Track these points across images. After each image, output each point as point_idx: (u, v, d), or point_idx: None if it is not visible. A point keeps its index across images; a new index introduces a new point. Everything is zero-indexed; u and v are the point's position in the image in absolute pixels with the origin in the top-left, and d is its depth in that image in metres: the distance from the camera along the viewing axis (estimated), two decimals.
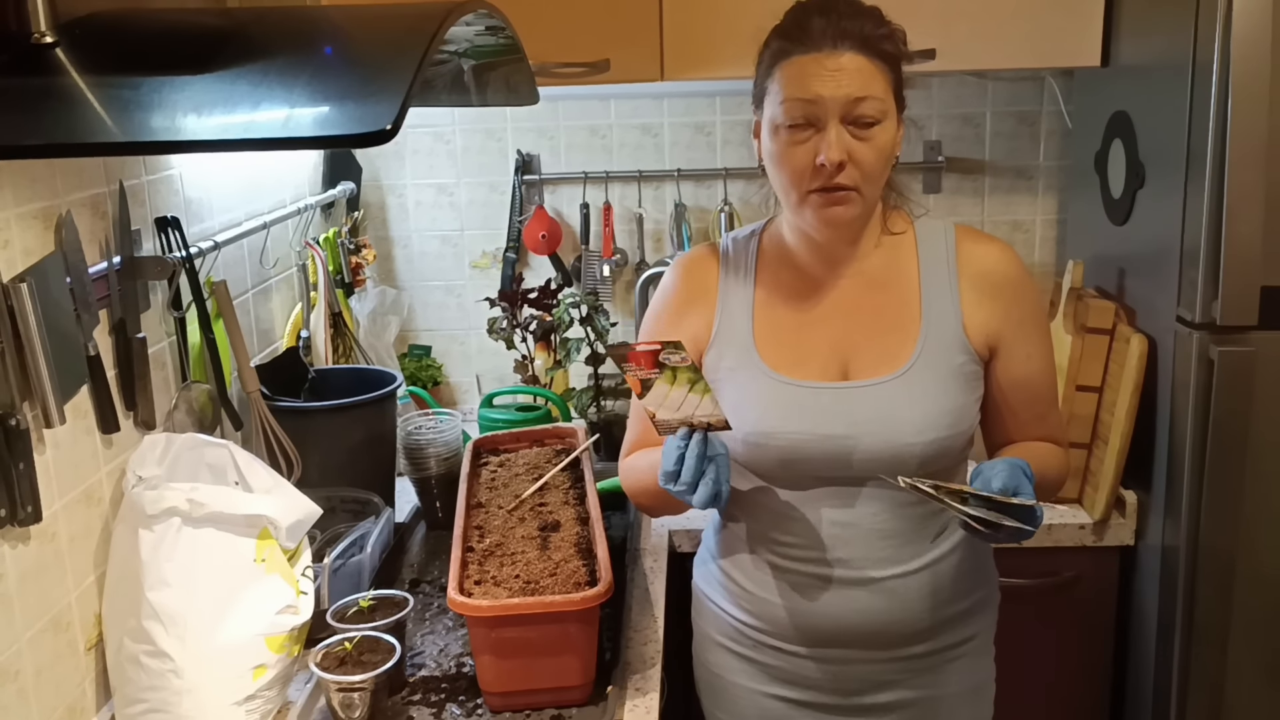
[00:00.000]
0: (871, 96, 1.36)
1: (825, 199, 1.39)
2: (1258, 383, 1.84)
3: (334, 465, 1.91)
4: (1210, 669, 1.94)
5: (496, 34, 1.45)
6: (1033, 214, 2.58)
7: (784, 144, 1.39)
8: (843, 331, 1.48)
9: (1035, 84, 2.51)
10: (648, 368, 1.34)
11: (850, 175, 1.37)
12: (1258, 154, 1.77)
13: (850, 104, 1.35)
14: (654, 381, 1.34)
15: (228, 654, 1.42)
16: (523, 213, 2.60)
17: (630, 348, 1.34)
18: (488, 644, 1.45)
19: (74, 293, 1.44)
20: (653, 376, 1.34)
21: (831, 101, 1.35)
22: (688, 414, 1.35)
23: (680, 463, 1.34)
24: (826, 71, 1.36)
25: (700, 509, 1.37)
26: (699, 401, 1.34)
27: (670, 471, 1.35)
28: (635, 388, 1.37)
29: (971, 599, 1.54)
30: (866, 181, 1.39)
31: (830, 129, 1.36)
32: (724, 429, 1.35)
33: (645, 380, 1.35)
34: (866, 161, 1.37)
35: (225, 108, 1.05)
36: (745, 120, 2.56)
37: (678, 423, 1.36)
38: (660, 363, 1.33)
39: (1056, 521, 2.09)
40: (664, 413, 1.36)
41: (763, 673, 1.56)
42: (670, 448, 1.35)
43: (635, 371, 1.35)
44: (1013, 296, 1.48)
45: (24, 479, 1.32)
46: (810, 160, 1.37)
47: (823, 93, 1.35)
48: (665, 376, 1.34)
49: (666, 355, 1.33)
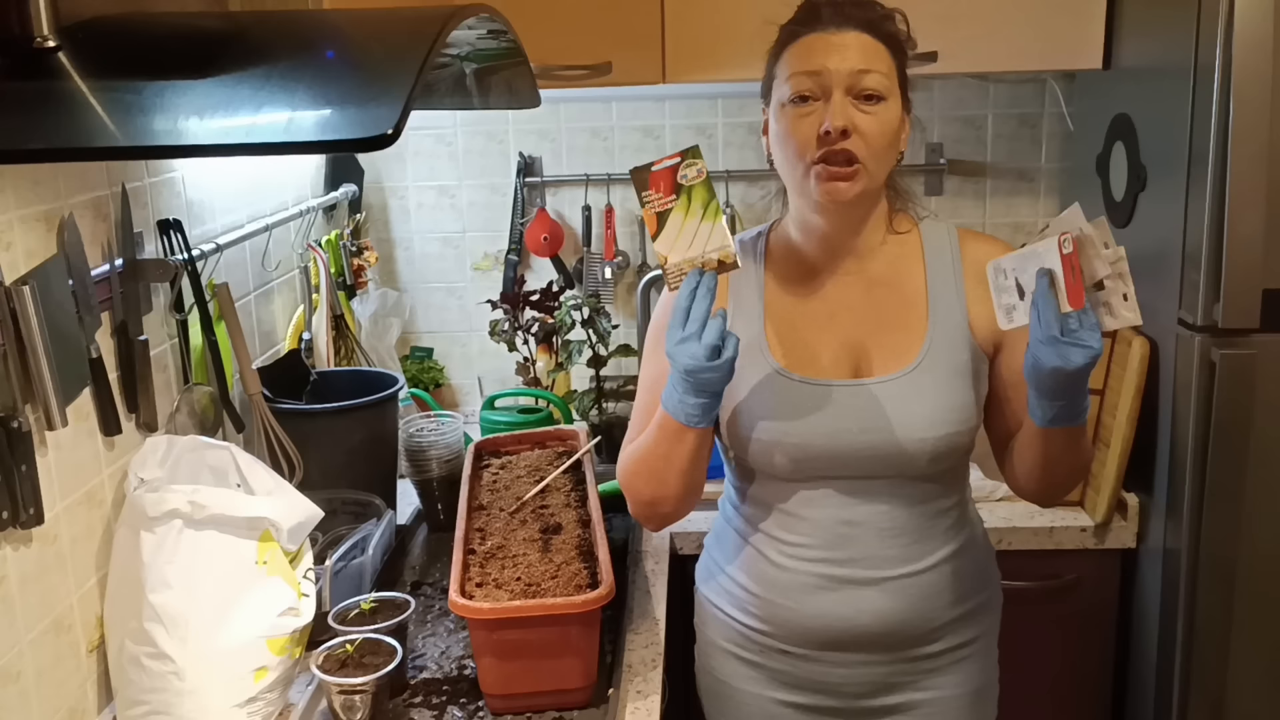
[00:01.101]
0: (875, 70, 1.39)
1: (829, 171, 1.39)
2: (1259, 385, 1.84)
3: (335, 467, 1.91)
4: (1212, 672, 1.94)
5: (498, 37, 1.45)
6: (1034, 216, 2.58)
7: (790, 120, 1.41)
8: (851, 329, 1.49)
9: (1037, 86, 2.51)
10: (666, 193, 1.37)
11: (855, 145, 1.38)
12: (1259, 156, 1.77)
13: (855, 75, 1.38)
14: (670, 211, 1.37)
15: (229, 656, 1.42)
16: (524, 215, 2.60)
17: (650, 168, 1.38)
18: (489, 646, 1.45)
19: (76, 295, 1.44)
20: (669, 206, 1.37)
21: (836, 73, 1.38)
22: (699, 250, 1.37)
23: (691, 298, 1.34)
24: (832, 46, 1.39)
25: (705, 359, 1.32)
26: (710, 232, 1.36)
27: (683, 308, 1.34)
28: (651, 225, 1.39)
29: (976, 600, 1.54)
30: (871, 156, 1.40)
31: (835, 98, 1.38)
32: (733, 267, 1.37)
33: (661, 212, 1.38)
34: (871, 134, 1.39)
35: (227, 112, 1.05)
36: (747, 123, 2.56)
37: (689, 265, 1.37)
38: (678, 184, 1.37)
39: (1058, 524, 2.09)
40: (676, 254, 1.38)
41: (769, 678, 1.56)
42: (683, 290, 1.35)
43: (653, 202, 1.38)
44: None
45: (26, 481, 1.33)
46: (815, 130, 1.39)
47: (828, 64, 1.38)
48: (681, 203, 1.37)
49: (685, 170, 1.37)
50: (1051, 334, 1.26)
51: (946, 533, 1.50)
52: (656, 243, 1.38)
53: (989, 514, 2.09)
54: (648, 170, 1.38)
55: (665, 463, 1.45)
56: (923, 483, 1.46)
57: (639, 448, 1.51)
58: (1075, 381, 1.29)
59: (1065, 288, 1.26)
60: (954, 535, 1.51)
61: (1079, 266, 1.25)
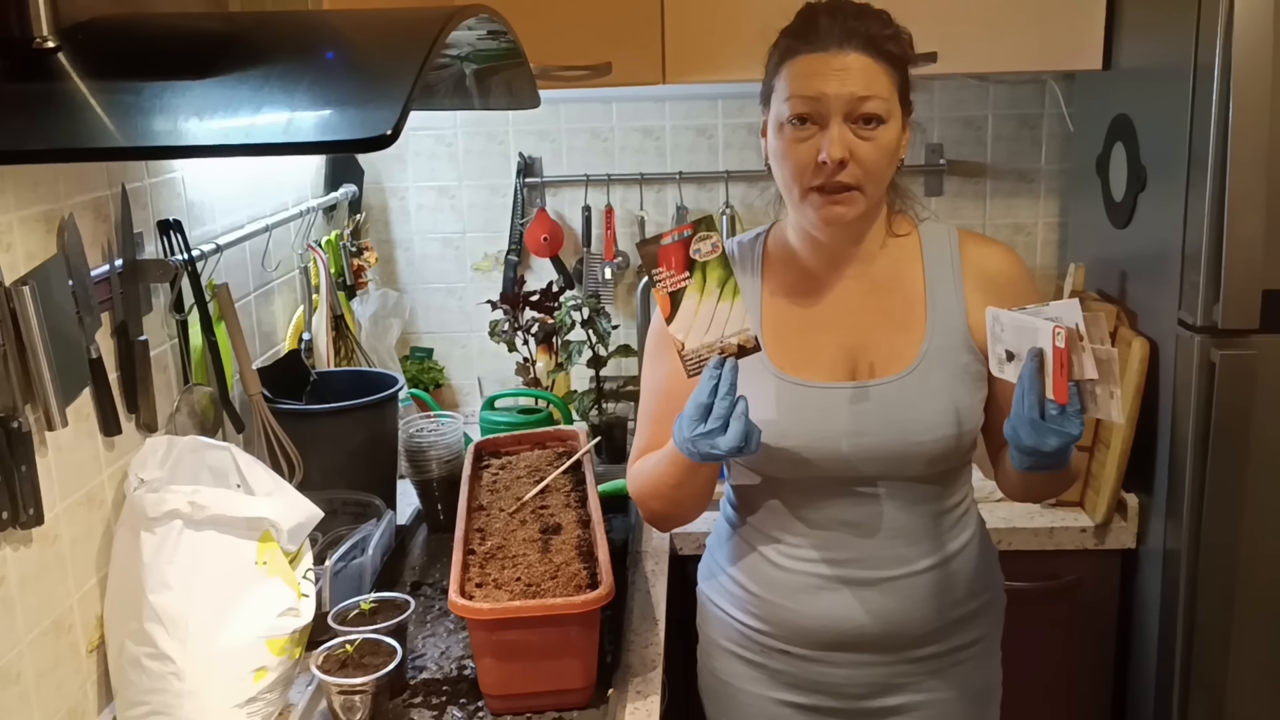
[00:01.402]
0: (875, 96, 1.37)
1: (826, 198, 1.39)
2: (1259, 386, 1.84)
3: (335, 468, 1.91)
4: (1212, 672, 1.94)
5: (498, 38, 1.45)
6: (1034, 217, 2.58)
7: (788, 141, 1.40)
8: (850, 332, 1.49)
9: (1037, 87, 2.51)
10: (678, 270, 1.33)
11: (852, 174, 1.38)
12: (1259, 157, 1.77)
13: (854, 102, 1.36)
14: (684, 291, 1.33)
15: (229, 656, 1.42)
16: (524, 215, 2.60)
17: (659, 241, 1.32)
18: (489, 647, 1.45)
19: (76, 296, 1.44)
20: (683, 285, 1.33)
21: (835, 99, 1.36)
22: (718, 335, 1.33)
23: (713, 394, 1.32)
24: (831, 70, 1.37)
25: (727, 453, 1.33)
26: (729, 313, 1.32)
27: (703, 404, 1.33)
28: (664, 307, 1.34)
29: (978, 600, 1.54)
30: (869, 180, 1.39)
31: (833, 127, 1.37)
32: (754, 350, 1.35)
33: (675, 292, 1.33)
34: (869, 160, 1.38)
35: (226, 112, 1.05)
36: (747, 123, 2.56)
37: (707, 351, 1.34)
38: (691, 259, 1.32)
39: (1058, 525, 2.09)
40: (694, 339, 1.34)
41: (771, 678, 1.56)
42: (705, 379, 1.34)
43: (665, 280, 1.33)
44: (1016, 296, 1.49)
45: (26, 481, 1.33)
46: (812, 157, 1.38)
47: (826, 90, 1.36)
48: (696, 281, 1.33)
49: (698, 244, 1.32)
50: (1033, 416, 1.27)
51: (947, 533, 1.50)
52: (671, 326, 1.35)
53: (989, 514, 2.08)
54: (656, 244, 1.33)
55: (678, 490, 1.47)
56: (923, 484, 1.46)
57: (651, 473, 1.51)
58: (1052, 458, 1.30)
59: (1053, 377, 1.25)
60: (955, 536, 1.51)
61: (1068, 362, 1.24)
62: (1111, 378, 1.22)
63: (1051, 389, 1.25)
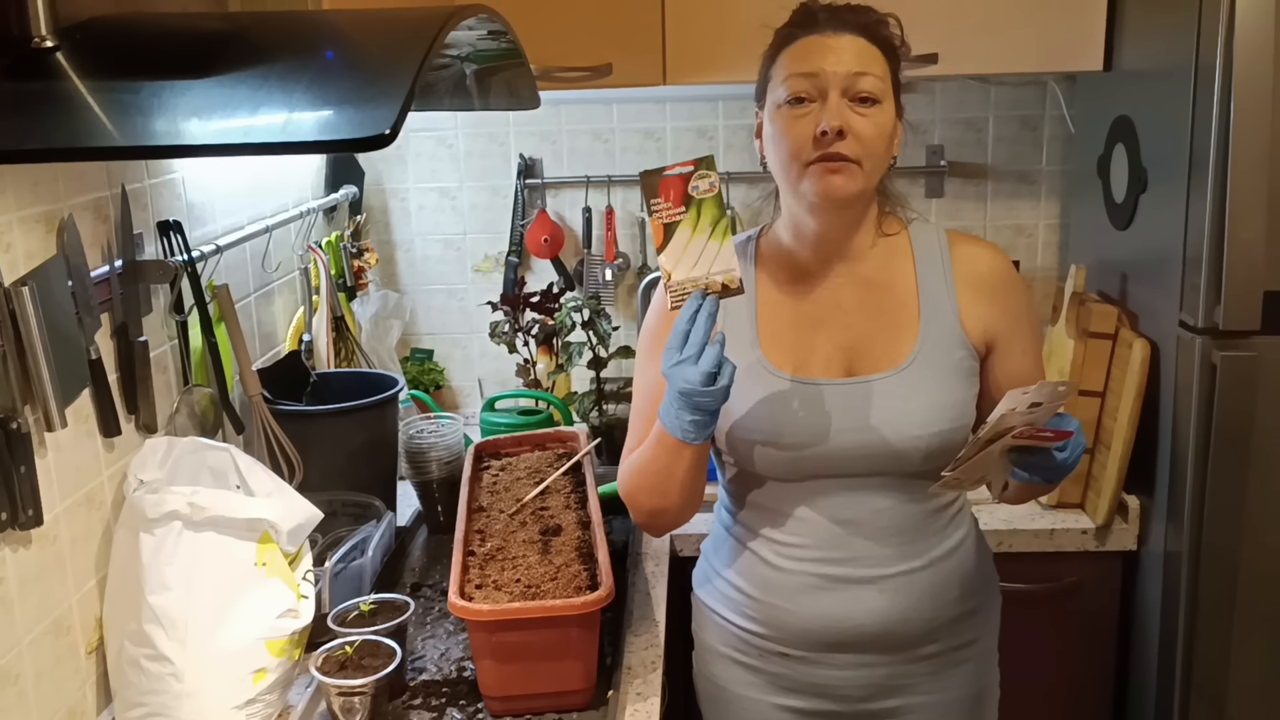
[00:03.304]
0: (871, 74, 1.40)
1: (825, 167, 1.40)
2: (1260, 388, 1.84)
3: (335, 469, 1.91)
4: (1213, 675, 1.94)
5: (498, 38, 1.45)
6: (1035, 219, 2.58)
7: (786, 119, 1.42)
8: (843, 330, 1.49)
9: (1038, 88, 2.51)
10: (676, 203, 1.36)
11: (850, 146, 1.39)
12: (1260, 158, 1.77)
13: (850, 78, 1.39)
14: (678, 224, 1.36)
15: (228, 658, 1.42)
16: (525, 216, 2.60)
17: (662, 172, 1.36)
18: (488, 648, 1.45)
19: (76, 296, 1.44)
20: (678, 218, 1.36)
21: (833, 75, 1.39)
22: (704, 270, 1.36)
23: (691, 321, 1.34)
24: (828, 48, 1.41)
25: (701, 385, 1.33)
26: (717, 252, 1.35)
27: (682, 331, 1.34)
28: (658, 236, 1.37)
29: (975, 600, 1.54)
30: (866, 156, 1.40)
31: (831, 99, 1.39)
32: (738, 292, 1.36)
33: (669, 224, 1.36)
34: (867, 135, 1.40)
35: (225, 112, 1.05)
36: (748, 125, 2.56)
37: (692, 285, 1.36)
38: (689, 195, 1.35)
39: (1059, 526, 2.09)
40: (681, 270, 1.36)
41: (769, 682, 1.55)
42: (686, 307, 1.35)
43: (662, 211, 1.36)
44: (1008, 294, 1.52)
45: (25, 482, 1.32)
46: (811, 130, 1.39)
47: (824, 66, 1.40)
48: (690, 216, 1.36)
49: (696, 181, 1.35)
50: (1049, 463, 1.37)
51: (943, 530, 1.50)
52: (661, 256, 1.37)
53: (989, 515, 2.09)
54: (659, 175, 1.37)
55: (665, 476, 1.46)
56: (918, 481, 1.47)
57: (638, 461, 1.51)
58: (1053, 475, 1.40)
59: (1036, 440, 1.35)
60: (951, 533, 1.51)
61: (1035, 435, 1.34)
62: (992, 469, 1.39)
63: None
